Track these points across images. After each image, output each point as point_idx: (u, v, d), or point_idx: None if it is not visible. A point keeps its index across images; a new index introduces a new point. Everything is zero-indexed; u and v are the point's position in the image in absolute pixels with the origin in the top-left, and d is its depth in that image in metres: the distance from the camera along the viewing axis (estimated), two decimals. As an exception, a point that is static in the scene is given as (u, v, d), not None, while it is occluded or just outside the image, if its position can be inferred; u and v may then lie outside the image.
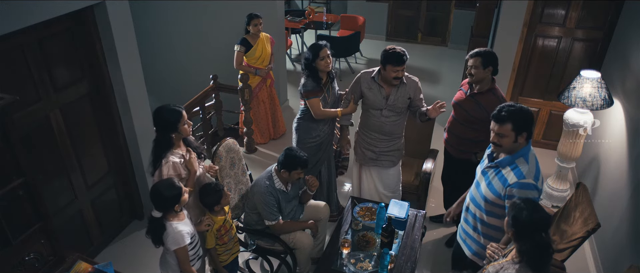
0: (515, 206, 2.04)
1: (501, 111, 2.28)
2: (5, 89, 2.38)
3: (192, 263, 2.59)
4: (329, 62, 3.32)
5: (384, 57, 3.13)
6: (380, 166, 3.48)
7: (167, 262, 2.59)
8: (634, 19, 3.79)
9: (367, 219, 3.16)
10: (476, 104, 3.12)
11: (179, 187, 2.41)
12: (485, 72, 3.05)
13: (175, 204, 2.40)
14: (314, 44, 3.34)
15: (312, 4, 8.77)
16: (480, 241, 2.56)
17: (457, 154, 3.39)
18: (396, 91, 3.23)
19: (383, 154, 3.42)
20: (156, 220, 2.42)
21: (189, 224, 2.56)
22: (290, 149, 2.98)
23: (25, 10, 2.61)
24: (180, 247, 2.45)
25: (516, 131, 2.26)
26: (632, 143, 3.31)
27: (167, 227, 2.43)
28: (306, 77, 3.37)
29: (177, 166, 2.60)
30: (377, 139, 3.38)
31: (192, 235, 2.55)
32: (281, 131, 5.41)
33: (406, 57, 3.11)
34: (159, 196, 2.38)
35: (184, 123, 2.60)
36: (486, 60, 3.02)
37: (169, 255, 2.55)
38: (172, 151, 2.62)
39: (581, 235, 2.85)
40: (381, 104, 3.26)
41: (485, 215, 2.47)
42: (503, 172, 2.34)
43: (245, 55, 4.70)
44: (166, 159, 2.58)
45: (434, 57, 7.81)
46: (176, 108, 2.59)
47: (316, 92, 3.35)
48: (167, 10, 5.75)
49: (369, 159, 3.48)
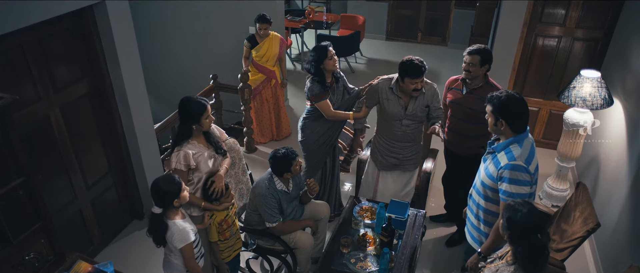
0: (510, 207, 2.04)
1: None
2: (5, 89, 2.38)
3: (196, 261, 2.60)
4: (336, 62, 3.33)
5: (402, 70, 3.03)
6: (404, 170, 3.43)
7: (172, 264, 2.58)
8: (634, 19, 3.79)
9: (367, 219, 3.16)
10: (477, 99, 3.12)
11: (178, 182, 2.42)
12: (482, 69, 3.08)
13: (174, 199, 2.40)
14: (318, 46, 3.31)
15: (312, 4, 8.76)
16: (480, 227, 2.61)
17: (463, 152, 3.39)
18: (415, 101, 3.15)
19: (406, 159, 3.38)
20: (157, 217, 2.42)
21: (190, 222, 2.57)
22: (272, 157, 2.97)
23: (25, 10, 2.61)
24: (187, 244, 2.46)
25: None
26: (632, 142, 3.31)
27: (170, 226, 2.43)
28: (311, 80, 3.36)
29: (188, 156, 2.63)
30: (400, 147, 3.32)
31: (195, 231, 2.56)
32: (285, 133, 5.39)
33: (425, 68, 3.00)
34: (158, 190, 2.38)
35: (206, 116, 2.65)
36: (484, 59, 3.04)
37: (173, 256, 2.55)
38: (190, 142, 2.67)
39: (581, 234, 2.85)
40: (400, 115, 3.19)
41: (482, 200, 2.53)
42: (498, 156, 2.39)
43: (252, 49, 4.79)
44: (179, 148, 2.64)
45: (434, 57, 7.80)
46: (202, 100, 2.66)
47: (324, 95, 3.34)
48: (167, 10, 5.75)
49: (392, 165, 3.41)
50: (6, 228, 2.28)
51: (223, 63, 5.63)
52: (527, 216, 1.98)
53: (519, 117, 2.35)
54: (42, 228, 2.48)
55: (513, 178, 2.28)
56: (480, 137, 3.25)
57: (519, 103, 2.34)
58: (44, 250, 2.53)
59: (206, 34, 5.72)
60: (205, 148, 2.73)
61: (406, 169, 3.43)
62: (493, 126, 2.41)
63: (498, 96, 2.36)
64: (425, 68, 3.02)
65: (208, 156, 2.73)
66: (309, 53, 3.37)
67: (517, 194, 2.28)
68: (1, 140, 2.20)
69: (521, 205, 2.03)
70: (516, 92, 2.39)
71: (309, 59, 3.34)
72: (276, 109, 5.21)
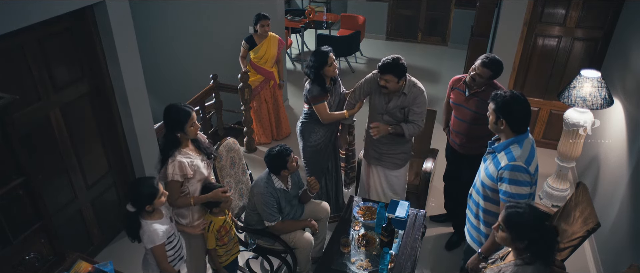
0: (507, 210, 2.03)
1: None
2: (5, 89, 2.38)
3: (173, 264, 2.58)
4: (335, 67, 3.34)
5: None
6: (384, 166, 3.47)
7: (148, 262, 2.58)
8: (634, 19, 3.78)
9: (367, 218, 3.16)
10: (480, 101, 3.13)
11: (157, 189, 2.39)
12: (487, 80, 3.09)
13: (148, 204, 2.38)
14: (319, 51, 3.30)
15: (312, 4, 8.77)
16: (480, 227, 2.61)
17: (467, 151, 3.38)
18: (397, 99, 3.19)
19: (385, 155, 3.41)
20: (131, 214, 2.40)
21: (167, 223, 2.53)
22: (267, 156, 2.96)
23: (25, 10, 2.61)
24: (156, 246, 2.44)
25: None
26: (632, 142, 3.31)
27: (142, 225, 2.42)
28: (311, 83, 3.36)
29: (184, 166, 2.58)
30: (380, 142, 3.37)
31: (170, 234, 2.53)
32: (285, 133, 5.39)
33: (392, 66, 3.02)
34: (135, 190, 2.37)
35: (191, 123, 2.59)
36: (494, 74, 3.06)
37: (149, 254, 2.55)
38: (181, 151, 2.61)
39: (581, 234, 2.85)
40: (382, 109, 3.26)
41: (482, 200, 2.53)
42: (498, 156, 2.39)
43: (250, 51, 4.78)
44: (173, 158, 2.58)
45: (434, 57, 7.81)
46: (185, 107, 2.58)
47: (322, 97, 3.35)
48: (167, 10, 5.75)
49: (373, 158, 3.48)
50: (6, 228, 2.28)
51: (223, 63, 5.63)
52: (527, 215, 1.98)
53: (520, 119, 2.35)
54: (42, 228, 2.48)
55: (513, 178, 2.28)
56: (486, 137, 3.25)
57: (522, 105, 2.33)
58: (44, 250, 2.53)
59: (206, 34, 5.72)
60: (197, 155, 2.69)
61: (387, 167, 3.46)
62: (493, 124, 2.41)
63: (503, 95, 2.36)
64: (393, 68, 3.02)
65: (202, 162, 2.70)
66: (309, 58, 3.36)
67: (517, 194, 2.28)
68: (1, 140, 2.20)
69: (518, 206, 2.03)
70: (521, 94, 2.37)
71: (308, 63, 3.34)
72: (275, 109, 5.22)
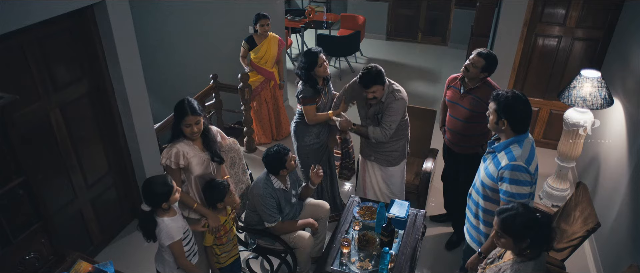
0: (501, 213, 2.03)
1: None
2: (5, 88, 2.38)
3: (188, 259, 2.59)
4: (326, 67, 3.33)
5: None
6: (379, 163, 3.48)
7: (164, 259, 2.59)
8: (634, 19, 3.78)
9: (367, 218, 3.16)
10: (474, 99, 3.13)
11: (170, 186, 2.41)
12: (481, 74, 3.09)
13: (163, 201, 2.39)
14: (309, 52, 3.31)
15: (312, 3, 8.77)
16: (479, 227, 2.61)
17: (462, 151, 3.39)
18: (376, 106, 3.23)
19: (376, 152, 3.42)
20: (146, 214, 2.42)
21: (181, 220, 2.55)
22: (265, 156, 2.97)
23: (25, 10, 2.61)
24: (174, 242, 2.46)
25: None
26: (632, 142, 3.31)
27: (159, 223, 2.43)
28: (303, 84, 3.37)
29: (179, 154, 2.61)
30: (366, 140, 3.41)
31: (185, 230, 2.55)
32: (285, 133, 5.38)
33: (374, 77, 3.02)
34: (149, 190, 2.38)
35: (187, 124, 2.59)
36: (487, 65, 3.05)
37: (165, 252, 2.55)
38: (185, 141, 2.65)
39: (581, 234, 2.85)
40: (363, 114, 3.34)
41: (482, 200, 2.52)
42: (498, 156, 2.39)
43: (250, 51, 4.77)
44: (172, 144, 2.63)
45: (434, 57, 7.80)
46: (188, 108, 2.57)
47: (314, 99, 3.36)
48: (167, 10, 5.75)
49: (367, 153, 3.50)
50: (6, 228, 2.28)
51: (223, 63, 5.62)
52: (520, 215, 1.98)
53: (522, 119, 2.34)
54: (42, 227, 2.48)
55: (513, 178, 2.28)
56: (479, 136, 3.26)
57: (523, 105, 2.33)
58: (44, 250, 2.53)
59: (206, 34, 5.72)
60: (200, 151, 2.71)
61: (380, 163, 3.47)
62: (494, 124, 2.40)
63: (504, 95, 2.35)
64: (376, 78, 3.03)
65: (201, 159, 2.70)
66: (300, 59, 3.37)
67: (517, 194, 2.28)
68: (1, 140, 2.21)
69: (509, 209, 2.03)
70: (522, 93, 2.37)
71: (299, 64, 3.34)
72: (275, 109, 5.22)
